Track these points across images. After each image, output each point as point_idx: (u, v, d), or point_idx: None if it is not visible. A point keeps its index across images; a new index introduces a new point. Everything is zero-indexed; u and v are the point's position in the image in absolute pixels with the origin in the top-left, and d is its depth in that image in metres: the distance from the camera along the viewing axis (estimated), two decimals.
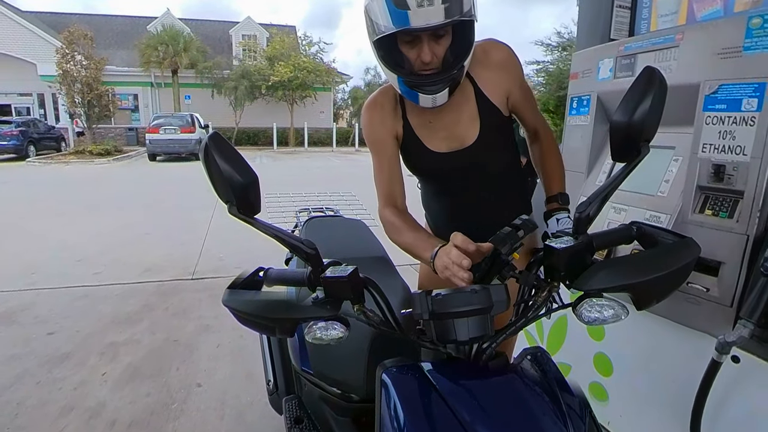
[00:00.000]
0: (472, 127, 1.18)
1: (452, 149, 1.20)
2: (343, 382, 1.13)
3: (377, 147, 1.23)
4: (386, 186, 1.24)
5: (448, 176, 1.26)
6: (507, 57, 1.19)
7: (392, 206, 1.22)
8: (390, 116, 1.22)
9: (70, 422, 2.07)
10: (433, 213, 1.41)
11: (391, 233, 1.18)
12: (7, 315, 3.20)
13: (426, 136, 1.21)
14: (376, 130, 1.23)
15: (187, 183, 9.95)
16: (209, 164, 0.69)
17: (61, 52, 16.96)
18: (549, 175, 1.26)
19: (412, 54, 1.01)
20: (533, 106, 1.29)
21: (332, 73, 22.05)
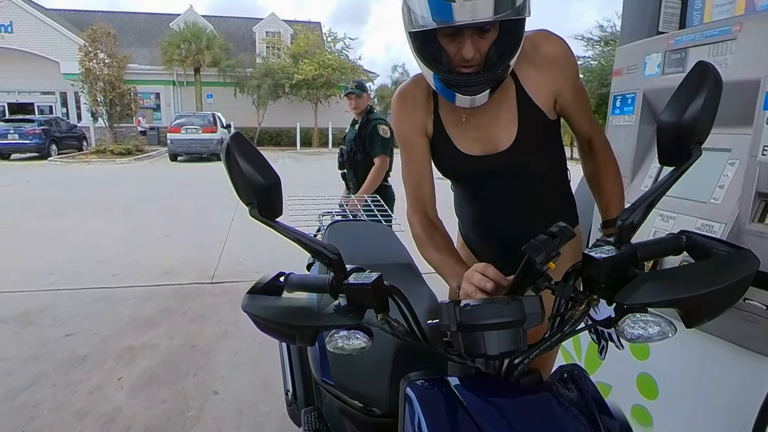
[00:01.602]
0: (509, 129, 1.11)
1: (486, 152, 1.14)
2: (364, 395, 1.13)
3: (405, 143, 1.20)
4: (415, 188, 1.20)
5: (481, 181, 1.21)
6: (560, 53, 1.10)
7: (421, 212, 1.19)
8: (421, 110, 1.16)
9: (85, 427, 2.14)
10: (464, 219, 1.36)
11: (418, 247, 1.16)
12: (26, 315, 3.35)
13: (457, 135, 1.15)
14: (404, 125, 1.18)
15: (207, 184, 10.20)
16: (231, 165, 0.71)
17: (84, 51, 17.74)
18: (606, 194, 1.16)
19: (451, 48, 0.95)
20: (587, 111, 1.19)
21: (358, 70, 22.22)
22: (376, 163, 3.29)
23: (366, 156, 3.28)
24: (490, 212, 1.26)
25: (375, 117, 3.37)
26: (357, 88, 3.33)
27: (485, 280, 0.85)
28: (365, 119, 3.31)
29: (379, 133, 3.25)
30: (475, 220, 1.31)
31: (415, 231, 1.17)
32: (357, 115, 3.38)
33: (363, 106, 3.34)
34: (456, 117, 1.14)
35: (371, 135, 3.24)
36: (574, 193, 1.34)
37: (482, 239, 1.32)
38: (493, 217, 1.26)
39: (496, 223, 1.26)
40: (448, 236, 1.17)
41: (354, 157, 3.34)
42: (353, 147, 3.34)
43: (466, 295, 0.89)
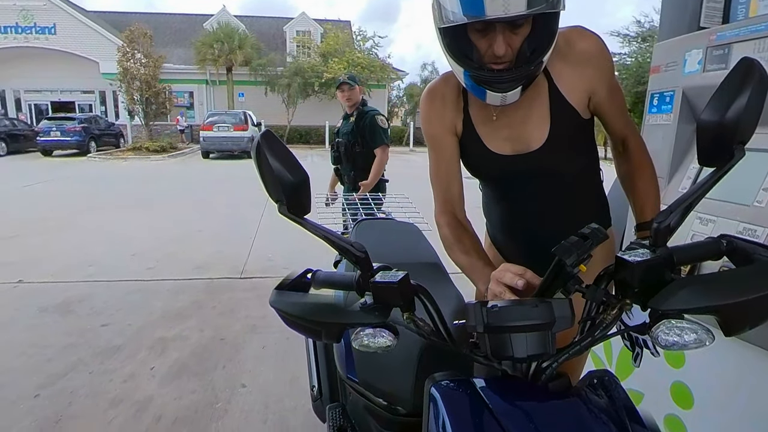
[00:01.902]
0: (540, 129, 1.08)
1: (516, 152, 1.11)
2: (389, 394, 1.14)
3: (434, 142, 1.18)
4: (443, 188, 1.19)
5: (511, 181, 1.18)
6: (595, 49, 1.06)
7: (449, 214, 1.17)
8: (450, 109, 1.14)
9: (118, 414, 2.22)
10: (492, 221, 1.34)
11: (445, 248, 1.14)
12: (66, 305, 3.49)
13: (487, 134, 1.13)
14: (433, 124, 1.16)
15: (238, 181, 10.40)
16: (261, 162, 0.72)
17: (122, 51, 18.38)
18: (641, 196, 1.12)
19: (482, 44, 0.93)
20: (622, 110, 1.15)
21: (387, 69, 22.27)
22: (377, 154, 3.29)
23: (364, 148, 3.28)
24: (519, 213, 1.23)
25: (370, 109, 3.38)
26: (349, 79, 3.32)
27: (517, 277, 0.84)
28: (360, 111, 3.31)
29: (378, 124, 3.26)
30: (503, 221, 1.29)
31: (443, 233, 1.15)
32: (350, 107, 3.36)
33: (356, 98, 3.33)
34: (486, 115, 1.11)
35: (371, 126, 3.24)
36: (607, 194, 1.31)
37: (511, 240, 1.30)
38: (522, 217, 1.23)
39: (525, 224, 1.23)
40: (477, 238, 1.15)
41: (352, 149, 3.33)
42: (351, 140, 3.32)
43: (494, 295, 0.88)
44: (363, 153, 3.29)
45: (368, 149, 3.28)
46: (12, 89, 22.63)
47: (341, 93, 3.32)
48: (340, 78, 3.39)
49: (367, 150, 3.28)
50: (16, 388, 2.41)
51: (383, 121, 3.29)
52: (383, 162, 3.33)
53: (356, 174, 3.35)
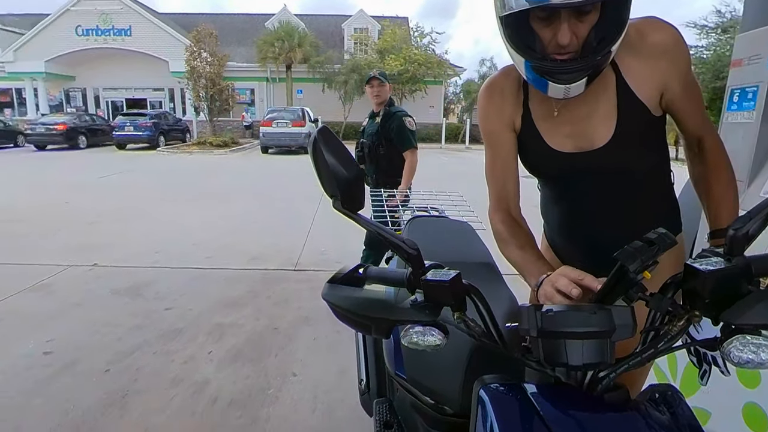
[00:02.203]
0: (606, 125, 1.02)
1: (578, 149, 1.06)
2: (437, 392, 1.13)
3: (491, 138, 1.14)
4: (499, 186, 1.15)
5: (572, 180, 1.12)
6: (670, 42, 0.98)
7: (503, 211, 1.14)
8: (510, 104, 1.10)
9: (178, 393, 2.36)
10: (550, 222, 1.28)
11: (498, 244, 1.12)
12: (135, 288, 3.74)
13: (548, 130, 1.08)
14: (491, 119, 1.12)
15: (294, 175, 10.70)
16: (317, 158, 0.73)
17: (190, 50, 19.39)
18: (716, 200, 1.04)
19: (546, 33, 0.88)
20: (699, 107, 1.07)
21: (444, 65, 22.07)
22: (407, 157, 3.20)
23: (388, 150, 3.19)
24: (579, 214, 1.17)
25: (398, 110, 3.26)
26: (380, 75, 3.21)
27: (572, 285, 0.81)
28: (387, 112, 3.19)
29: (407, 126, 3.14)
30: (562, 222, 1.23)
31: (497, 229, 1.12)
32: (377, 105, 3.25)
33: (385, 96, 3.22)
34: (548, 110, 1.07)
35: (399, 129, 3.14)
36: (677, 197, 1.23)
37: (569, 243, 1.25)
38: (582, 219, 1.17)
39: (585, 226, 1.17)
40: (531, 234, 1.11)
41: (377, 151, 3.23)
42: (375, 141, 3.23)
43: (545, 297, 0.85)
44: (386, 155, 3.21)
45: (392, 151, 3.19)
46: (92, 87, 24.49)
47: (371, 88, 3.21)
48: (371, 73, 3.28)
49: (391, 152, 3.20)
50: (90, 363, 2.62)
51: (411, 123, 3.19)
52: (414, 166, 3.24)
53: (378, 176, 3.27)
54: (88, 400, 2.28)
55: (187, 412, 2.21)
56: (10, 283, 3.79)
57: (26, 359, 2.65)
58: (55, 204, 7.15)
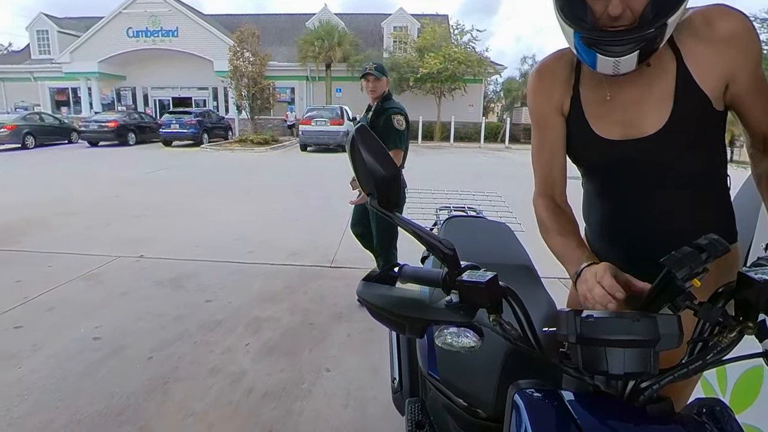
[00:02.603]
0: (659, 111, 0.95)
1: (626, 137, 0.99)
2: (470, 395, 1.12)
3: (539, 122, 1.11)
4: (544, 171, 1.12)
5: (617, 173, 1.06)
6: (740, 30, 0.91)
7: (547, 197, 1.11)
8: (560, 86, 1.06)
9: (216, 383, 2.43)
10: (592, 223, 1.21)
11: (541, 231, 1.08)
12: (177, 280, 3.89)
13: (596, 115, 1.03)
14: (540, 102, 1.09)
15: (332, 173, 10.82)
16: (354, 156, 0.74)
17: (233, 50, 19.94)
18: None
19: (598, 5, 0.85)
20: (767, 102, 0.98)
21: (484, 63, 21.74)
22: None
23: None
24: (623, 214, 1.11)
25: (391, 105, 3.11)
26: (376, 70, 3.07)
27: (608, 298, 0.78)
28: (380, 107, 3.09)
29: (393, 125, 3.01)
30: (604, 222, 1.17)
31: (539, 215, 1.09)
32: (373, 100, 3.15)
33: (381, 90, 3.11)
34: (599, 95, 1.02)
35: (385, 126, 2.99)
36: (732, 201, 1.16)
37: (612, 246, 1.17)
38: (627, 219, 1.10)
39: (629, 228, 1.11)
40: (575, 222, 1.08)
41: None
42: None
43: (585, 289, 0.83)
44: None
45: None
46: (141, 86, 25.57)
47: (366, 83, 3.10)
48: (365, 67, 3.11)
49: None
50: (135, 349, 2.74)
51: (400, 122, 3.04)
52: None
53: None
54: (133, 385, 2.38)
55: (225, 401, 2.28)
56: (64, 271, 4.02)
57: (78, 344, 2.80)
58: (107, 198, 7.53)
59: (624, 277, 0.82)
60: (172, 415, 2.17)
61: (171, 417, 2.15)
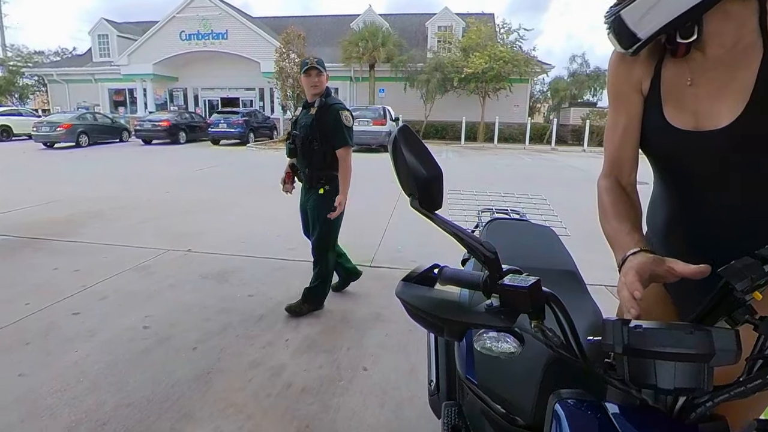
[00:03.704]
0: (734, 103, 0.87)
1: (697, 128, 0.92)
2: (508, 402, 1.10)
3: (617, 99, 1.07)
4: (615, 149, 1.07)
5: (686, 169, 0.98)
6: None
7: (612, 179, 1.06)
8: (641, 65, 1.01)
9: (256, 375, 2.50)
10: (656, 225, 1.14)
11: (599, 215, 1.04)
12: (221, 274, 4.02)
13: (672, 101, 0.96)
14: (620, 79, 1.05)
15: (373, 173, 10.87)
16: (396, 156, 0.74)
17: (279, 52, 20.42)
18: None
19: None
20: None
21: (531, 62, 21.25)
22: (341, 156, 3.02)
23: (323, 145, 3.00)
24: (688, 213, 1.03)
25: (335, 102, 3.04)
26: (318, 65, 2.98)
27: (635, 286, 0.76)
28: (323, 104, 2.99)
29: (342, 122, 2.95)
30: (669, 225, 1.09)
31: (601, 198, 1.05)
32: (313, 96, 3.04)
33: (323, 85, 3.02)
34: (679, 80, 0.95)
35: (334, 123, 2.94)
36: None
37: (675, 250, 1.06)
38: (690, 220, 1.03)
39: (693, 230, 1.03)
40: (638, 207, 1.02)
41: (310, 145, 3.01)
42: (309, 134, 3.00)
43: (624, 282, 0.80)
44: (320, 151, 3.01)
45: (326, 147, 3.01)
46: (192, 87, 26.64)
47: (308, 78, 2.98)
48: (306, 61, 3.02)
49: (324, 147, 3.01)
50: (181, 340, 2.86)
51: (348, 118, 3.00)
52: (349, 167, 3.06)
53: (311, 172, 3.09)
54: (178, 374, 2.49)
55: (264, 394, 2.34)
56: (118, 262, 4.25)
57: (129, 332, 2.95)
58: (158, 193, 7.90)
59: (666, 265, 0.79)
60: (214, 404, 2.25)
61: (212, 406, 2.23)
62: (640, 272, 0.79)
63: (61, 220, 5.88)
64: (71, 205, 6.71)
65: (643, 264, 0.80)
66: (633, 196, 1.05)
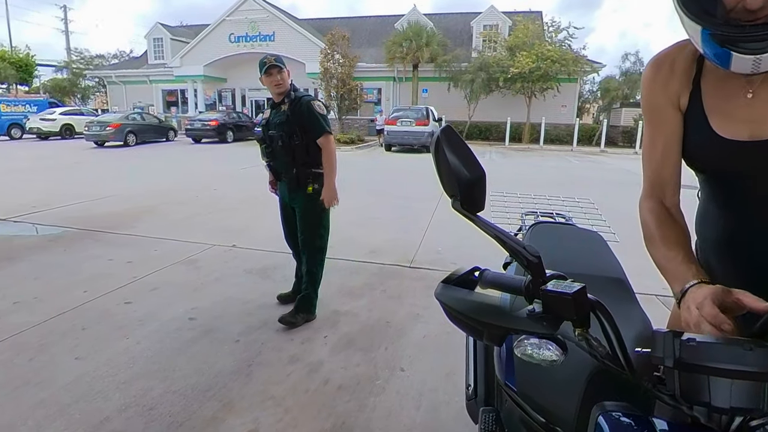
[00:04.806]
0: None
1: (754, 137, 0.86)
2: (548, 411, 1.07)
3: (653, 116, 1.01)
4: (655, 169, 1.01)
5: (740, 180, 0.94)
6: None
7: (655, 200, 1.01)
8: (678, 78, 0.96)
9: (294, 371, 2.55)
10: (707, 236, 1.09)
11: (645, 239, 0.99)
12: (264, 270, 4.13)
13: (719, 112, 0.92)
14: (655, 93, 0.99)
15: (415, 174, 10.87)
16: (438, 157, 0.73)
17: (324, 53, 20.76)
18: None
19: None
20: None
21: (581, 61, 20.58)
22: (323, 144, 2.93)
23: (303, 139, 2.93)
24: (744, 226, 0.98)
25: (303, 95, 3.01)
26: (277, 62, 2.92)
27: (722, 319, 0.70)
28: (293, 98, 2.95)
29: (316, 110, 2.91)
30: (722, 238, 1.04)
31: (644, 220, 1.00)
32: (278, 95, 2.99)
33: (286, 84, 2.96)
34: (725, 91, 0.90)
35: (308, 115, 2.90)
36: None
37: (729, 264, 1.04)
38: (747, 232, 0.97)
39: (750, 242, 0.97)
40: (685, 230, 0.97)
41: (290, 142, 2.95)
42: (287, 131, 2.94)
43: (688, 317, 0.75)
44: (302, 145, 2.95)
45: (307, 139, 2.95)
46: (239, 88, 27.47)
47: (269, 77, 2.93)
48: (264, 60, 2.94)
49: (306, 140, 2.95)
50: (224, 332, 2.96)
51: (321, 107, 2.97)
52: (333, 153, 2.98)
53: (298, 170, 2.99)
54: (220, 365, 2.57)
55: (302, 389, 2.38)
56: (167, 255, 4.45)
57: (175, 322, 3.08)
58: (206, 190, 8.20)
59: (734, 297, 0.74)
60: (253, 396, 2.31)
61: (252, 398, 2.29)
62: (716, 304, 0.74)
63: (117, 214, 6.21)
64: (126, 200, 7.08)
65: (715, 295, 0.75)
66: (679, 219, 0.99)
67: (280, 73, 2.94)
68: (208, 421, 2.12)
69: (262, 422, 2.12)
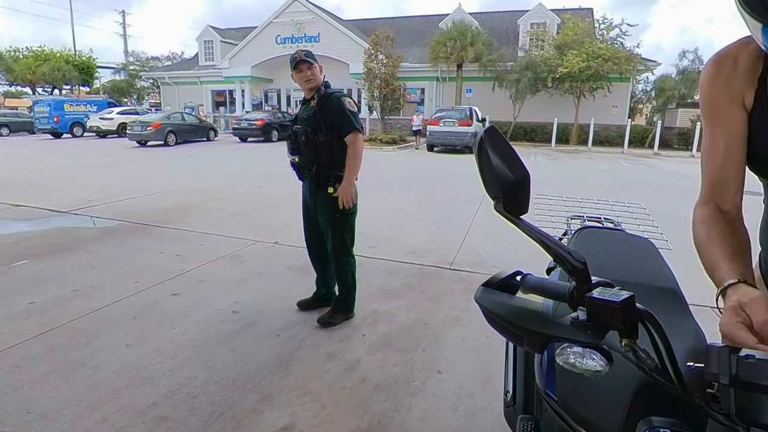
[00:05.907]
0: None
1: None
2: (591, 423, 1.03)
3: (714, 116, 0.96)
4: (715, 170, 0.96)
5: None
6: None
7: (713, 205, 0.94)
8: (741, 76, 0.91)
9: (332, 367, 2.58)
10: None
11: (696, 245, 0.93)
12: (305, 267, 4.15)
13: None
14: (716, 92, 0.94)
15: (457, 175, 10.77)
16: (481, 158, 0.72)
17: (368, 53, 20.91)
18: None
19: None
20: None
21: (634, 59, 19.71)
22: (350, 142, 2.84)
23: (329, 136, 2.85)
24: None
25: (334, 90, 2.93)
26: (308, 57, 2.83)
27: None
28: (323, 94, 2.87)
29: (346, 107, 2.82)
30: None
31: (695, 231, 0.93)
32: (309, 90, 2.91)
33: (317, 79, 2.88)
34: None
35: (338, 110, 2.81)
36: None
37: None
38: None
39: None
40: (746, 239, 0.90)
41: (314, 138, 2.87)
42: (312, 126, 2.87)
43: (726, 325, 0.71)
44: (326, 142, 2.86)
45: (333, 137, 2.87)
46: (285, 88, 28.05)
47: (299, 74, 2.86)
48: (294, 55, 2.86)
49: (331, 138, 2.87)
50: (265, 326, 3.04)
51: (351, 103, 2.87)
52: (359, 152, 2.89)
53: (320, 169, 2.93)
54: (261, 358, 2.64)
55: (338, 386, 2.41)
56: (213, 249, 4.61)
57: (219, 314, 3.19)
58: (252, 188, 8.45)
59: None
60: (292, 390, 2.36)
61: (290, 392, 2.34)
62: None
63: (167, 209, 6.50)
64: (175, 196, 7.39)
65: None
66: (737, 224, 0.92)
67: (311, 68, 2.87)
68: (248, 412, 2.18)
69: (299, 416, 2.16)
